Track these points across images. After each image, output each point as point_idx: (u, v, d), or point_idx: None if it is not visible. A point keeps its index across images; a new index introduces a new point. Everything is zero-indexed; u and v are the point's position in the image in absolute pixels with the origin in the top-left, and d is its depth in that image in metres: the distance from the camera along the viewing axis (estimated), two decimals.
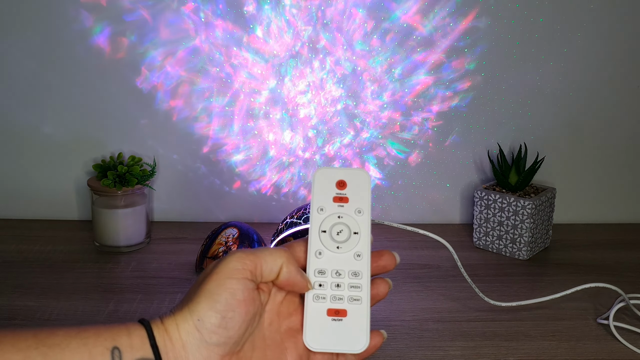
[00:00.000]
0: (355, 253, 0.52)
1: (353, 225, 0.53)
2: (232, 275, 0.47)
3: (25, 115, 1.12)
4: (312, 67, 1.10)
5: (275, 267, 0.49)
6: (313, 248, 0.52)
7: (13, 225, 1.13)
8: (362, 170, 0.55)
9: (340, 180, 0.54)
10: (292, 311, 0.53)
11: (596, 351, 0.75)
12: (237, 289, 0.47)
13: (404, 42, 1.09)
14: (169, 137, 1.13)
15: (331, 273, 0.51)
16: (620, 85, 1.13)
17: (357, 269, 0.52)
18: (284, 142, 1.13)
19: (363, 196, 0.54)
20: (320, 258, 0.52)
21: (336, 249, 0.52)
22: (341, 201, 0.53)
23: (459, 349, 0.75)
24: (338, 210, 0.53)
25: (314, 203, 0.53)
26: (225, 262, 0.48)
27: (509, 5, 1.08)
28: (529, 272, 0.98)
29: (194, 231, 1.10)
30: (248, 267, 0.48)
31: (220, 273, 0.47)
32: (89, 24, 1.07)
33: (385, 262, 0.53)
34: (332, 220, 0.53)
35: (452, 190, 1.17)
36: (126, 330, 0.45)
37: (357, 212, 0.53)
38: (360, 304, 0.51)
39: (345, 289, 0.51)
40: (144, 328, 0.46)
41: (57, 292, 0.87)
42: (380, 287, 0.53)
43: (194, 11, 1.07)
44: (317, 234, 0.52)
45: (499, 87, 1.12)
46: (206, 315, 0.46)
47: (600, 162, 1.17)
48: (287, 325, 0.52)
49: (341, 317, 0.51)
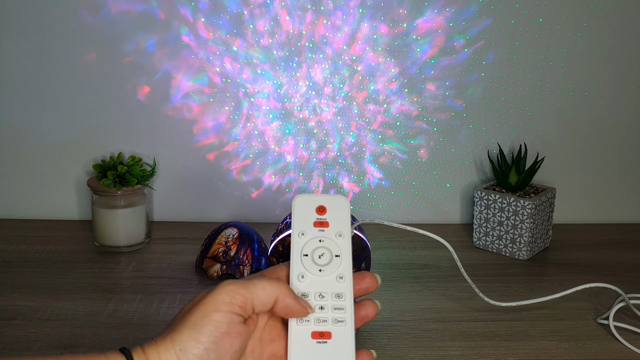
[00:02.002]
0: (338, 275, 0.52)
1: (334, 249, 0.53)
2: (219, 309, 0.46)
3: (25, 115, 1.12)
4: (313, 67, 1.10)
5: (268, 301, 0.48)
6: (295, 272, 0.52)
7: (13, 225, 1.13)
8: (341, 196, 0.55)
9: (320, 206, 0.54)
10: (274, 337, 0.52)
11: (596, 351, 0.75)
12: (222, 322, 0.46)
13: (404, 41, 1.09)
14: (169, 137, 1.13)
15: (314, 295, 0.51)
16: (620, 85, 1.13)
17: (340, 291, 0.51)
18: (284, 142, 1.13)
19: (343, 220, 0.54)
20: (303, 281, 0.52)
21: (318, 271, 0.52)
22: (322, 225, 0.54)
23: (459, 349, 0.75)
24: (319, 235, 0.53)
25: (295, 228, 0.54)
26: (214, 294, 0.47)
27: (509, 5, 1.08)
28: (529, 272, 0.98)
29: (194, 231, 1.10)
30: (237, 301, 0.47)
31: (207, 304, 0.46)
32: (89, 24, 1.07)
33: (368, 284, 0.53)
34: (314, 244, 0.53)
35: (452, 190, 1.17)
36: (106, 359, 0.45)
37: (337, 236, 0.53)
38: (344, 326, 0.50)
39: (329, 311, 0.51)
40: (124, 357, 0.45)
41: (57, 292, 0.87)
42: (368, 308, 0.52)
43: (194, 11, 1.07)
44: (299, 258, 0.52)
45: (499, 87, 1.12)
46: (189, 345, 0.45)
47: (600, 162, 1.17)
48: (269, 352, 0.51)
49: (326, 340, 0.50)
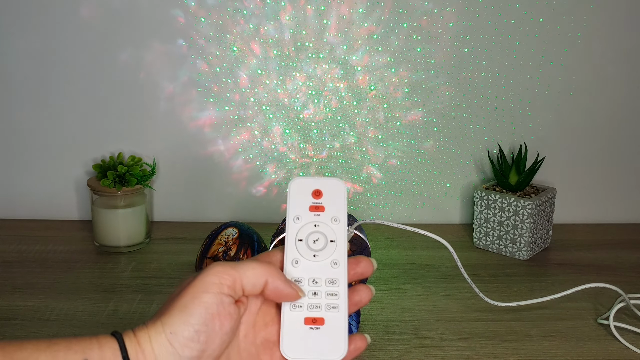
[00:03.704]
0: (332, 261, 0.52)
1: (329, 234, 0.52)
2: (208, 290, 0.46)
3: (25, 115, 1.12)
4: (313, 66, 1.10)
5: (258, 282, 0.48)
6: (290, 257, 0.52)
7: (13, 225, 1.13)
8: (338, 180, 0.54)
9: (316, 190, 0.54)
10: (268, 322, 0.52)
11: (596, 351, 0.75)
12: (212, 303, 0.46)
13: (404, 41, 1.09)
14: (169, 137, 1.13)
15: (308, 281, 0.51)
16: (621, 85, 1.13)
17: (334, 277, 0.51)
18: (284, 142, 1.13)
19: (339, 205, 0.53)
20: (297, 267, 0.51)
21: (313, 257, 0.52)
22: (317, 210, 0.53)
23: (459, 349, 0.75)
24: (314, 219, 0.53)
25: (290, 212, 0.53)
26: (202, 276, 0.47)
27: (509, 5, 1.08)
28: (529, 272, 0.98)
29: (194, 231, 1.10)
30: (226, 281, 0.47)
31: (196, 287, 0.47)
32: (89, 24, 1.07)
33: (363, 269, 0.53)
34: (309, 229, 0.52)
35: (452, 190, 1.17)
36: (97, 343, 0.44)
37: (333, 221, 0.53)
38: (337, 312, 0.50)
39: (323, 297, 0.50)
40: (116, 341, 0.45)
41: (57, 292, 0.87)
42: (362, 293, 0.52)
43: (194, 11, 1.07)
44: (293, 243, 0.52)
45: (499, 87, 1.12)
46: (179, 328, 0.45)
47: (600, 162, 1.17)
48: (263, 337, 0.51)
49: (319, 326, 0.50)
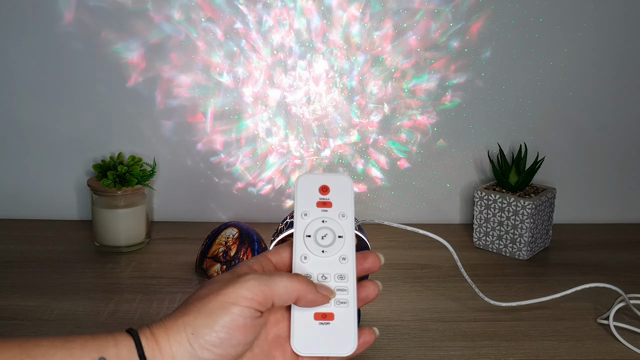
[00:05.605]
0: (341, 256, 0.52)
1: (337, 229, 0.53)
2: (239, 303, 0.46)
3: (25, 115, 1.12)
4: (314, 66, 1.10)
5: (289, 298, 0.48)
6: (298, 253, 0.52)
7: (13, 225, 1.13)
8: (345, 176, 0.55)
9: (323, 186, 0.54)
10: (279, 318, 0.52)
11: (596, 351, 0.75)
12: (240, 316, 0.46)
13: (404, 41, 1.09)
14: (169, 137, 1.13)
15: (317, 277, 0.51)
16: (620, 85, 1.13)
17: (343, 272, 0.51)
18: (284, 142, 1.13)
19: (346, 201, 0.54)
20: (306, 262, 0.52)
21: (321, 252, 0.52)
22: (325, 206, 0.53)
23: (459, 349, 0.75)
24: (322, 215, 0.53)
25: (298, 208, 0.53)
26: (235, 287, 0.46)
27: (509, 5, 1.08)
28: (529, 272, 0.98)
29: (194, 231, 1.10)
30: (258, 298, 0.47)
31: (227, 296, 0.46)
32: (89, 24, 1.07)
33: (370, 264, 0.53)
34: (317, 224, 0.53)
35: (452, 190, 1.17)
36: (113, 341, 0.44)
37: (340, 216, 0.53)
38: (347, 307, 0.50)
39: None
40: (131, 338, 0.45)
41: (57, 292, 0.87)
42: (369, 289, 0.52)
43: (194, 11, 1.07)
44: (301, 239, 0.52)
45: (499, 87, 1.12)
46: (202, 332, 0.45)
47: (600, 162, 1.17)
48: (274, 333, 0.51)
49: (328, 321, 0.50)
